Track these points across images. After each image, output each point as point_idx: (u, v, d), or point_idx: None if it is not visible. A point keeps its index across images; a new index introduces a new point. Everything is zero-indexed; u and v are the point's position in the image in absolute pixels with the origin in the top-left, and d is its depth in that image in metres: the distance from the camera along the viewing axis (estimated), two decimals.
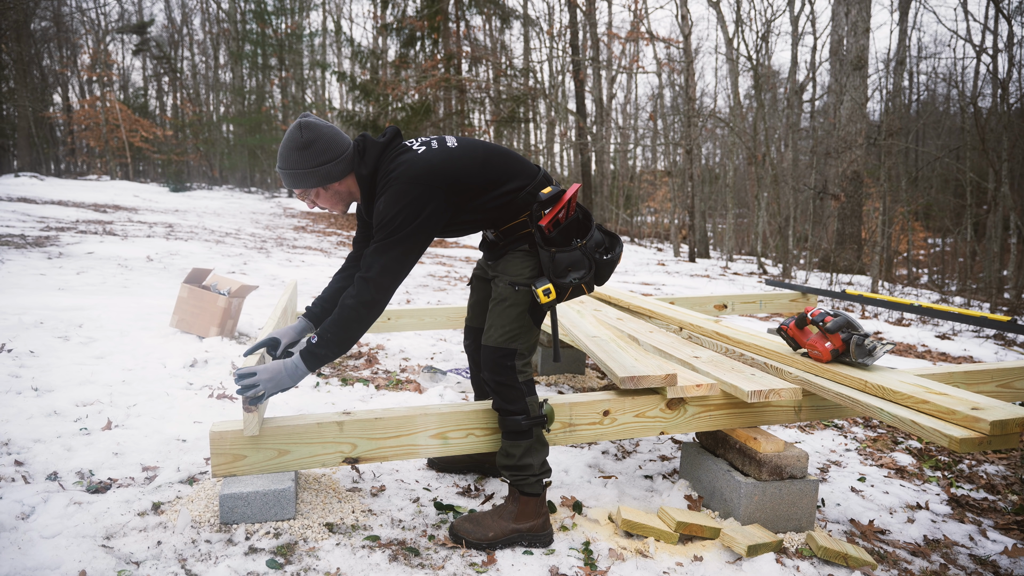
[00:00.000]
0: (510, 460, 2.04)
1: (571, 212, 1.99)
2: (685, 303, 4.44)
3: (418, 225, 1.87)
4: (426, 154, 1.94)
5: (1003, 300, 11.13)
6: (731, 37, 16.45)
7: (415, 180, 1.87)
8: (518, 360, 2.03)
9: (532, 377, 2.09)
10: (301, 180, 1.95)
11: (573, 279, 1.96)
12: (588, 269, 1.98)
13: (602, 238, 2.06)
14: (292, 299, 3.67)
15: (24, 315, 4.07)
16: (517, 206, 2.00)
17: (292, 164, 1.93)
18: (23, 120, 24.54)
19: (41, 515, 1.97)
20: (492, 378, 2.03)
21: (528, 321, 2.04)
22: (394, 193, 1.87)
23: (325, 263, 8.62)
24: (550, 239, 1.95)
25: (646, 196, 27.98)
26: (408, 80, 17.95)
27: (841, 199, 12.80)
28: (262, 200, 23.06)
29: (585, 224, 2.03)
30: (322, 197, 2.02)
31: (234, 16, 30.47)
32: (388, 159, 1.97)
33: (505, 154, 2.06)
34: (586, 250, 1.97)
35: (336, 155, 1.94)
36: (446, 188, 1.90)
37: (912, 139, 20.90)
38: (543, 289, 1.95)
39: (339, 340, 1.88)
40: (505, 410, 2.03)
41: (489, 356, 2.03)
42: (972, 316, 3.90)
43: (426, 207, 1.87)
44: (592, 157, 19.71)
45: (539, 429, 2.06)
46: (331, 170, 1.95)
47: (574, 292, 2.00)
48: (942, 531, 2.44)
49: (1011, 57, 13.33)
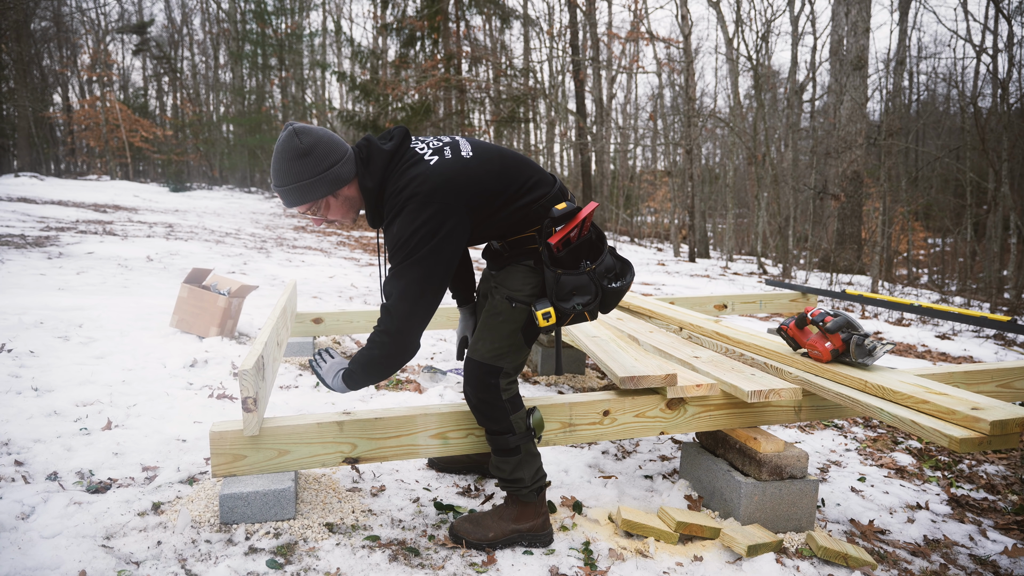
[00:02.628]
0: (502, 473, 2.01)
1: (584, 232, 1.85)
2: (685, 303, 4.44)
3: (437, 244, 1.69)
4: (440, 166, 1.75)
5: (1003, 300, 11.13)
6: (731, 37, 16.46)
7: (430, 197, 1.69)
8: (503, 379, 1.92)
9: (517, 392, 1.99)
10: (309, 191, 1.75)
11: (576, 304, 1.84)
12: (594, 296, 1.85)
13: (613, 263, 1.93)
14: (292, 299, 3.67)
15: (24, 315, 4.07)
16: (529, 219, 1.87)
17: (295, 176, 1.73)
18: (23, 120, 24.55)
19: (41, 515, 1.97)
20: (474, 394, 1.93)
21: (519, 340, 1.93)
22: (409, 213, 1.69)
23: (325, 263, 8.62)
24: (558, 259, 1.82)
25: (646, 196, 27.99)
26: (408, 80, 17.95)
27: (841, 199, 12.80)
28: (262, 200, 23.06)
29: (598, 247, 1.90)
30: (333, 207, 1.82)
31: (234, 16, 30.48)
32: (398, 172, 1.77)
33: (522, 163, 1.91)
34: (594, 275, 1.85)
35: (341, 155, 1.76)
36: (465, 204, 1.74)
37: (912, 139, 20.90)
38: (543, 312, 1.84)
39: (366, 374, 1.81)
40: (491, 430, 1.96)
41: (473, 370, 1.93)
42: (972, 316, 3.90)
43: (444, 224, 1.70)
44: (592, 157, 19.72)
45: (528, 444, 1.99)
46: (340, 172, 1.76)
47: (576, 318, 1.87)
48: (942, 531, 2.44)
49: (1011, 57, 13.33)
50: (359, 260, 9.40)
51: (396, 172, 1.78)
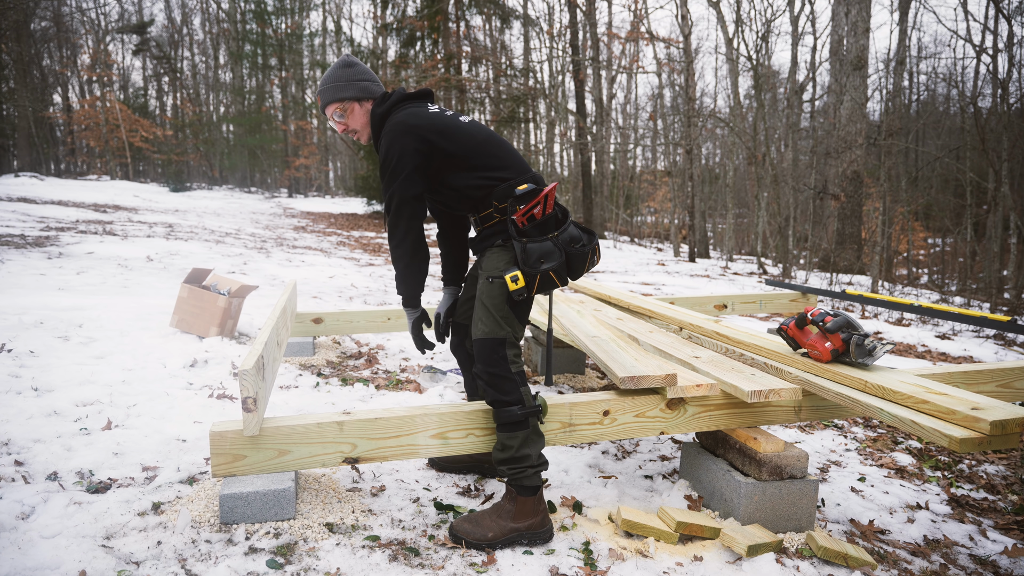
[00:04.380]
0: (507, 452, 2.03)
1: (548, 210, 2.04)
2: (685, 303, 4.44)
3: (407, 158, 2.05)
4: (433, 113, 2.12)
5: (1003, 300, 11.13)
6: (731, 37, 16.45)
7: (411, 128, 2.06)
8: (509, 349, 2.06)
9: (523, 369, 2.11)
10: (341, 90, 2.17)
11: (543, 268, 2.01)
12: (560, 259, 2.02)
13: (579, 235, 2.10)
14: (292, 299, 3.67)
15: (24, 315, 4.07)
16: (494, 195, 2.09)
17: (335, 78, 2.19)
18: (23, 120, 24.55)
19: (41, 515, 1.97)
20: (485, 369, 2.05)
21: (507, 311, 2.07)
22: (390, 136, 2.07)
23: (325, 263, 8.62)
24: (524, 232, 2.02)
25: (646, 196, 27.99)
26: (408, 80, 17.95)
27: (841, 199, 12.80)
28: (262, 200, 23.07)
29: (561, 221, 2.09)
30: (356, 114, 2.20)
31: (234, 16, 30.49)
32: (401, 108, 2.14)
33: (504, 146, 2.17)
34: (558, 241, 2.03)
35: (373, 80, 2.23)
36: (434, 142, 2.06)
37: (912, 139, 20.90)
38: (511, 276, 2.00)
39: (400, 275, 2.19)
40: (500, 401, 2.04)
41: (479, 349, 2.06)
42: (972, 316, 3.90)
43: (413, 146, 2.05)
44: (592, 157, 19.71)
45: (535, 419, 2.08)
46: (369, 87, 2.20)
47: (544, 282, 2.03)
48: (942, 531, 2.44)
49: (1011, 57, 13.32)
50: (359, 260, 9.40)
51: (401, 108, 2.15)
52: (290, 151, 31.31)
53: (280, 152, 31.55)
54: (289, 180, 30.52)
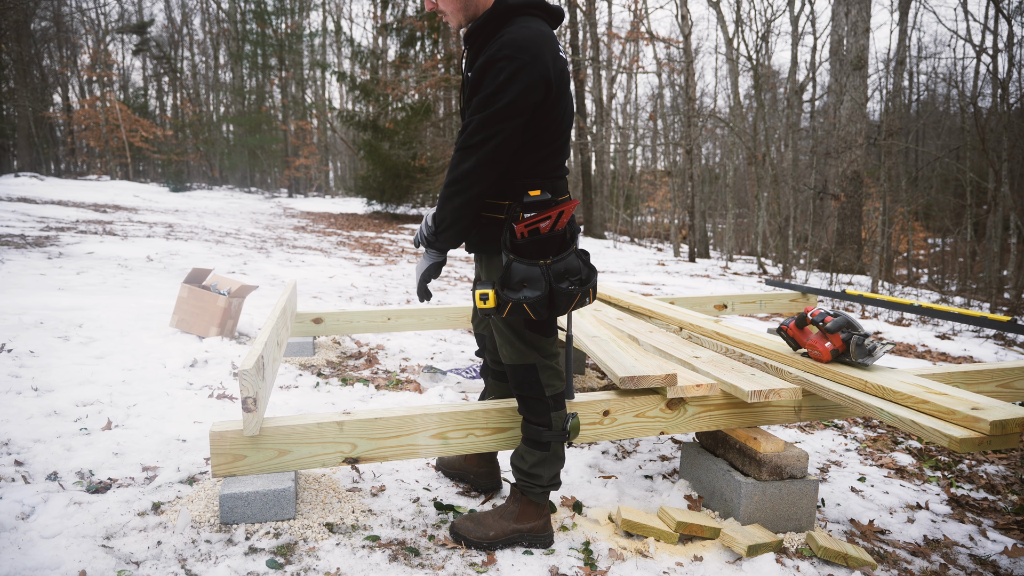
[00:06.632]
0: (522, 464, 2.02)
1: (558, 227, 1.78)
2: (685, 303, 4.44)
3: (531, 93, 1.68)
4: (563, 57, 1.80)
5: (1003, 300, 11.13)
6: (731, 37, 16.46)
7: (532, 46, 1.68)
8: (542, 374, 1.93)
9: (561, 391, 1.99)
10: None
11: (520, 297, 1.75)
12: (543, 291, 1.75)
13: (579, 267, 1.82)
14: (292, 299, 3.67)
15: (24, 315, 4.07)
16: (512, 186, 1.81)
17: None
18: (23, 120, 24.56)
19: (41, 515, 1.97)
20: (518, 392, 1.99)
21: (528, 335, 1.91)
22: (506, 47, 1.67)
23: (325, 263, 8.62)
24: (518, 245, 1.76)
25: (646, 196, 28.00)
26: (408, 80, 17.96)
27: (841, 199, 12.80)
28: (262, 200, 23.07)
29: (565, 245, 1.83)
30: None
31: (234, 16, 30.48)
32: (522, 23, 1.74)
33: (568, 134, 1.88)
34: (548, 270, 1.76)
35: None
36: (550, 76, 1.71)
37: (912, 139, 20.91)
38: (480, 293, 1.77)
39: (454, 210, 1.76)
40: (528, 419, 2.00)
41: (511, 374, 1.98)
42: (972, 316, 3.90)
43: (532, 75, 1.67)
44: (592, 157, 19.72)
45: (559, 444, 2.01)
46: None
47: (516, 312, 1.76)
48: (942, 531, 2.44)
49: (1011, 57, 13.32)
50: (359, 260, 9.40)
51: (523, 13, 1.77)
52: (290, 151, 31.33)
53: (280, 152, 31.57)
54: (289, 180, 30.54)
